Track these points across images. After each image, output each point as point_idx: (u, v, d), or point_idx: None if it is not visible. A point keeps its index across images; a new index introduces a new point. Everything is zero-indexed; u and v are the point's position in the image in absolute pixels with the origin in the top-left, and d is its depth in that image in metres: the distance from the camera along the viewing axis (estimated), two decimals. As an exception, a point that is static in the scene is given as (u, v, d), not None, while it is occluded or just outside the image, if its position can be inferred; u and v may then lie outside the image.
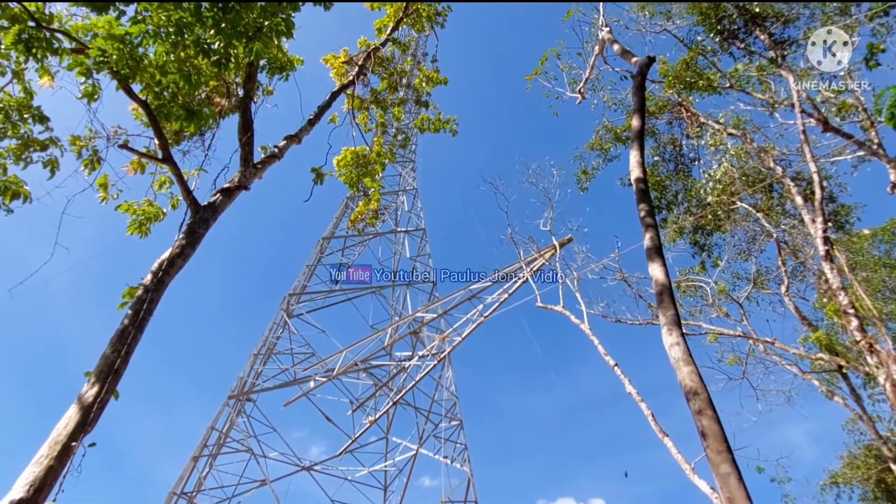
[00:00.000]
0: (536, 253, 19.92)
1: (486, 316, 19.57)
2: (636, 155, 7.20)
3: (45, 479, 4.61)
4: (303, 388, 20.39)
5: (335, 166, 11.29)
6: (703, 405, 4.93)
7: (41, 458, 4.72)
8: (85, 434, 4.93)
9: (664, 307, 5.67)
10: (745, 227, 19.28)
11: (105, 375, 5.19)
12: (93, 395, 5.07)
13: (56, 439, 4.84)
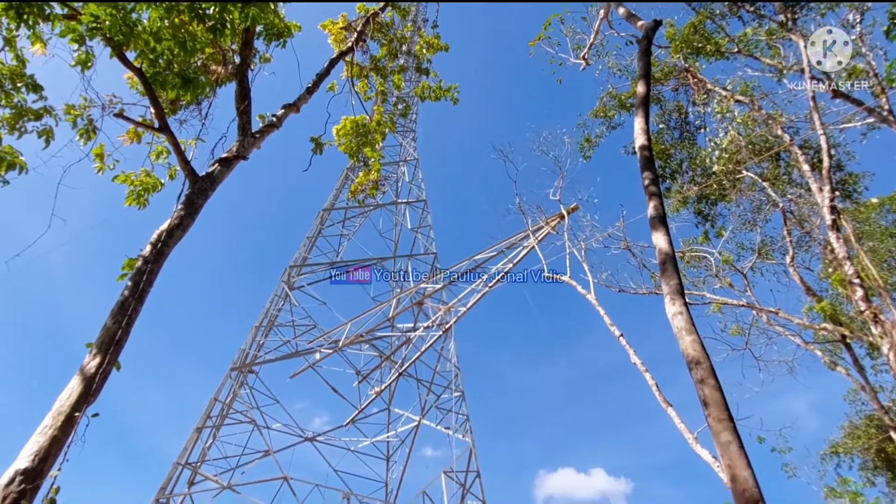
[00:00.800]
0: (543, 221, 19.87)
1: (490, 286, 19.65)
2: (641, 122, 7.13)
3: (50, 449, 4.70)
4: (308, 360, 20.61)
5: (334, 136, 11.21)
6: (705, 374, 4.98)
7: (45, 428, 4.80)
8: (88, 405, 5.00)
9: (667, 276, 5.68)
10: (750, 196, 19.18)
11: (106, 347, 5.24)
12: (95, 366, 5.13)
13: (59, 410, 4.91)
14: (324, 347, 20.68)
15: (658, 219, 6.24)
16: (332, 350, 20.52)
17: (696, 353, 5.15)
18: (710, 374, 4.97)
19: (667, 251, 5.83)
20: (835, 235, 11.16)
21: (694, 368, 5.05)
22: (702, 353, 5.14)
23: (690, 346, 5.17)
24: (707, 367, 5.01)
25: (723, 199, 18.96)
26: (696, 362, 5.08)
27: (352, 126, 11.26)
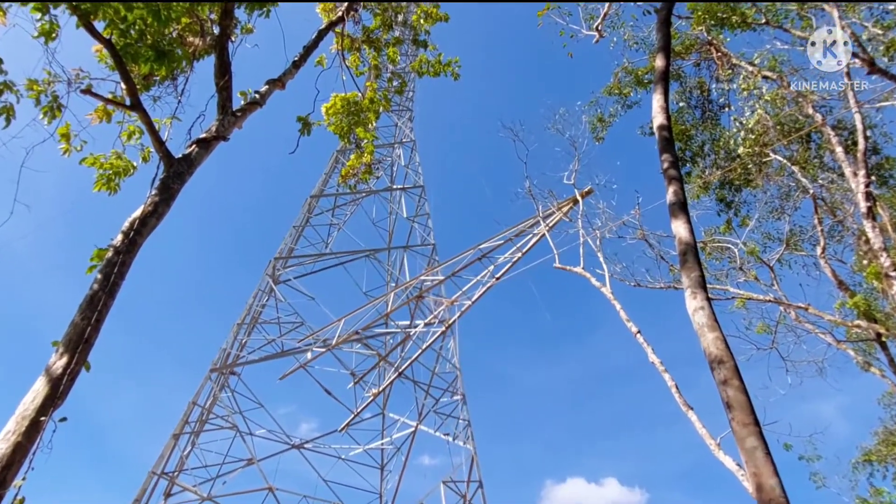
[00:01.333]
0: (554, 207, 19.82)
1: (497, 277, 19.65)
2: (659, 99, 7.10)
3: (14, 457, 4.70)
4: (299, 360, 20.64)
5: (323, 114, 11.16)
6: (728, 374, 4.98)
7: (7, 434, 4.79)
8: (55, 408, 5.00)
9: (688, 268, 5.67)
10: (778, 181, 19.17)
11: (74, 345, 5.24)
12: (62, 367, 5.12)
13: (23, 414, 4.91)
14: (315, 346, 20.73)
15: (678, 205, 6.22)
16: (325, 349, 20.56)
17: (720, 351, 5.15)
18: (735, 375, 4.97)
19: (687, 240, 5.82)
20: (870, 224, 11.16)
21: (717, 368, 5.05)
22: (725, 352, 5.14)
23: (713, 344, 5.17)
24: (731, 367, 5.02)
25: (748, 184, 18.95)
26: (719, 361, 5.08)
27: (342, 104, 11.22)
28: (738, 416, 4.70)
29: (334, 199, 27.39)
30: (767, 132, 17.24)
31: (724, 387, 4.95)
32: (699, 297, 5.46)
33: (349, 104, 11.28)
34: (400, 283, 24.51)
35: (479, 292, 20.04)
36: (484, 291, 19.92)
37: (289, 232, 25.38)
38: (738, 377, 4.98)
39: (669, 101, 7.94)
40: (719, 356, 5.12)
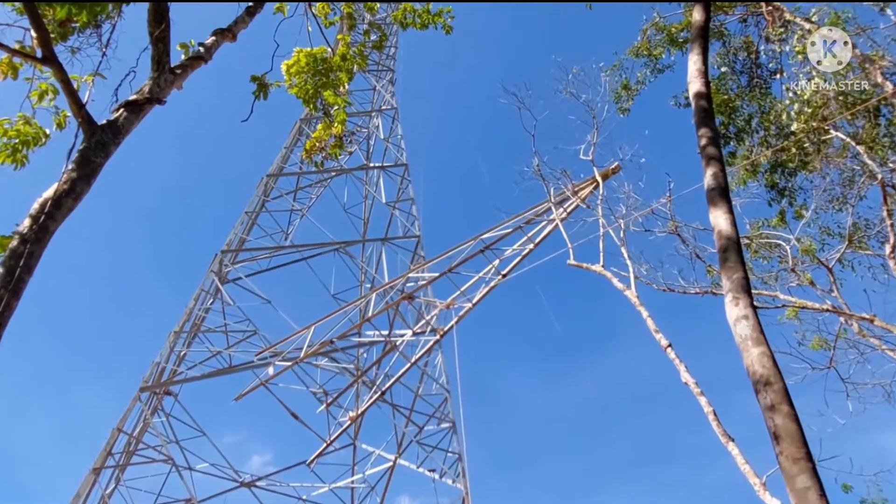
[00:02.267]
0: (569, 190, 19.79)
1: (504, 274, 19.70)
2: (697, 61, 7.12)
3: None
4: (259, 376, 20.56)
5: (284, 74, 11.10)
6: (776, 398, 5.02)
7: None
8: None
9: (729, 268, 5.70)
10: (840, 164, 19.29)
11: (-29, 355, 5.18)
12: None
13: None
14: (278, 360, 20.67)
15: (718, 191, 6.25)
16: (291, 363, 20.52)
17: (766, 370, 5.18)
18: (784, 399, 5.01)
19: (729, 234, 5.85)
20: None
21: (762, 391, 5.08)
22: (773, 371, 5.18)
23: (758, 362, 5.20)
24: (780, 390, 5.05)
25: (804, 167, 19.08)
26: (766, 383, 5.12)
27: (308, 61, 11.17)
28: (788, 449, 4.73)
29: (297, 178, 27.32)
30: (827, 104, 17.36)
31: (770, 413, 4.99)
32: (742, 303, 5.49)
33: (316, 61, 11.23)
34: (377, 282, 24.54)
35: (482, 292, 20.06)
36: (487, 291, 19.96)
37: (240, 219, 25.31)
38: (789, 402, 5.01)
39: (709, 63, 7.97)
40: (766, 376, 5.15)
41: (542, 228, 19.99)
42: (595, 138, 19.75)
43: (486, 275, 20.18)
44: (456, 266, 20.74)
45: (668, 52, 19.81)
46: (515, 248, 20.12)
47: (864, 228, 19.88)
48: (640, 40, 20.13)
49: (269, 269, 24.91)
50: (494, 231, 20.44)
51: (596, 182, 19.46)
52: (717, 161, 6.55)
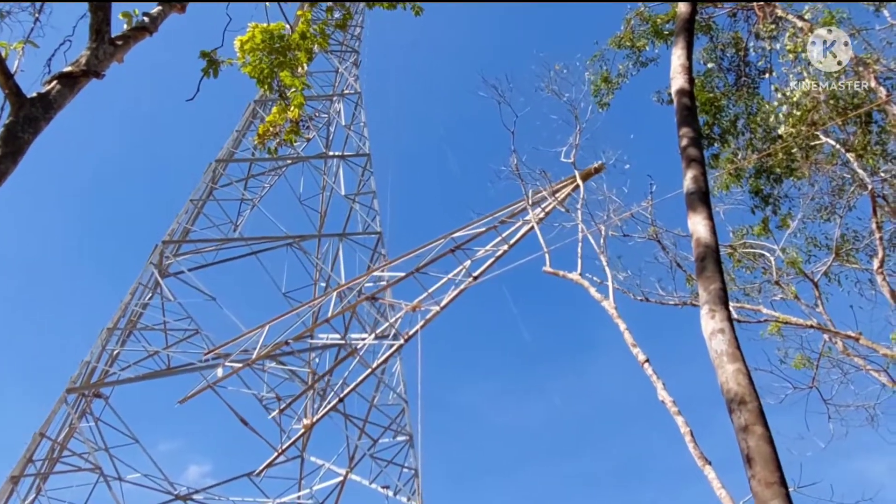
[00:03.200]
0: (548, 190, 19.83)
1: (475, 276, 19.72)
2: (680, 56, 7.21)
3: None
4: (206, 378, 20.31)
5: (237, 51, 11.01)
6: (750, 418, 5.11)
7: None
8: None
9: (706, 278, 5.78)
10: (829, 172, 19.57)
11: None
12: None
13: None
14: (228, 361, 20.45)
15: (698, 196, 6.33)
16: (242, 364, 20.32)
17: (741, 388, 5.27)
18: (758, 420, 5.10)
19: (707, 242, 5.94)
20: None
21: (736, 410, 5.17)
22: (748, 390, 5.27)
23: (733, 379, 5.29)
24: (754, 410, 5.14)
25: (791, 173, 19.32)
26: (740, 402, 5.20)
27: (264, 38, 11.08)
28: (761, 472, 4.82)
29: (248, 165, 27.11)
30: (818, 108, 17.61)
31: (744, 434, 5.07)
32: (718, 316, 5.57)
33: (273, 39, 11.15)
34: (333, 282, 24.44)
35: (451, 295, 20.08)
36: (457, 294, 19.99)
37: (184, 207, 25.06)
38: (763, 423, 5.10)
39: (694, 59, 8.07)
40: (740, 395, 5.24)
41: (517, 229, 20.05)
42: (577, 140, 19.83)
43: (455, 276, 20.21)
44: (424, 266, 20.70)
45: (652, 44, 19.98)
46: (488, 249, 20.17)
47: (853, 241, 20.16)
48: (623, 30, 20.25)
49: (214, 263, 24.71)
50: (466, 230, 20.43)
51: (576, 183, 19.54)
52: (699, 163, 6.63)
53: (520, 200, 20.19)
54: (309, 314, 22.08)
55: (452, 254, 20.36)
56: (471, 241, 20.39)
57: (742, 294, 21.07)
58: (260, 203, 26.98)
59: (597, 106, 20.32)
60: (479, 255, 20.30)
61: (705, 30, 19.71)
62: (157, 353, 21.45)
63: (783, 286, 20.24)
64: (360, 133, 28.27)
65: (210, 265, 24.54)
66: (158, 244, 23.47)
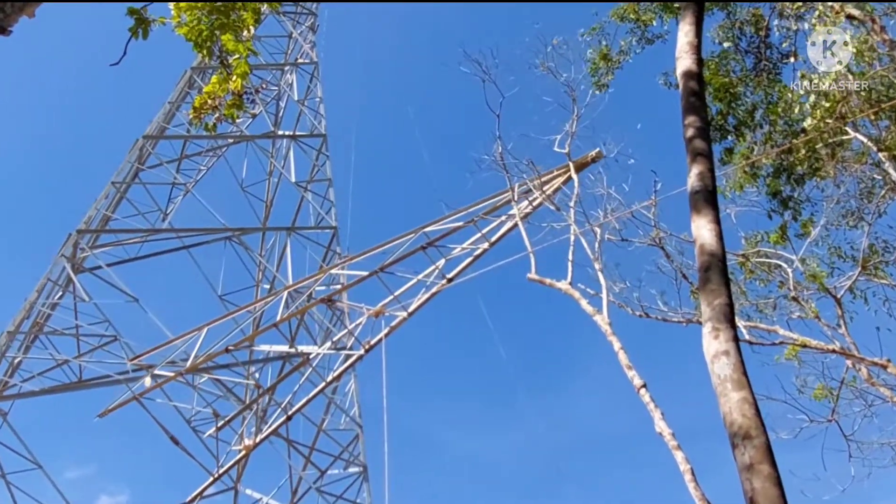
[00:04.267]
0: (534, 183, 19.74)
1: (450, 278, 19.67)
2: (689, 33, 7.26)
3: None
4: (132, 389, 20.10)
5: (171, 8, 10.92)
6: (756, 456, 5.13)
7: None
8: None
9: (711, 291, 5.82)
10: (857, 172, 19.68)
11: None
12: None
13: None
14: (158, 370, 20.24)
15: (703, 195, 6.37)
16: (174, 374, 20.14)
17: (747, 420, 5.30)
18: (766, 458, 5.13)
19: (712, 250, 5.97)
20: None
21: (740, 445, 5.19)
22: (755, 423, 5.29)
23: (737, 409, 5.31)
24: (761, 446, 5.17)
25: (815, 173, 19.39)
26: (745, 436, 5.23)
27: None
28: (766, 519, 4.85)
29: (182, 144, 26.90)
30: (848, 98, 17.74)
31: (748, 474, 5.09)
32: (723, 336, 5.60)
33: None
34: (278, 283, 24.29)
35: (421, 299, 19.99)
36: (428, 298, 19.92)
37: (104, 190, 24.80)
38: (771, 461, 5.12)
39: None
40: (745, 428, 5.26)
41: (500, 224, 20.01)
42: (573, 127, 19.79)
43: (426, 278, 20.15)
44: (390, 264, 20.61)
45: (660, 18, 19.99)
46: (466, 247, 20.12)
47: (882, 252, 20.23)
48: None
49: (138, 258, 24.46)
50: (441, 224, 20.34)
51: (569, 174, 19.50)
52: (706, 157, 6.67)
53: (503, 192, 20.15)
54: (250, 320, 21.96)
55: (424, 251, 20.31)
56: (445, 236, 20.34)
57: (755, 311, 21.17)
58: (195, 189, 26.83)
59: (593, 87, 20.31)
60: (454, 253, 20.25)
61: (722, 4, 19.77)
62: (66, 362, 21.22)
63: (802, 303, 20.30)
64: (316, 110, 28.19)
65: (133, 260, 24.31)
66: (72, 233, 23.20)
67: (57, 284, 22.67)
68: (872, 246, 20.07)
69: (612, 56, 20.28)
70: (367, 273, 20.68)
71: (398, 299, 20.21)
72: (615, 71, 20.36)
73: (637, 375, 14.73)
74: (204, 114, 12.85)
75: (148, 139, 26.18)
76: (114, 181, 24.95)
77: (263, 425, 21.80)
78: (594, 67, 20.38)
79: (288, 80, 29.62)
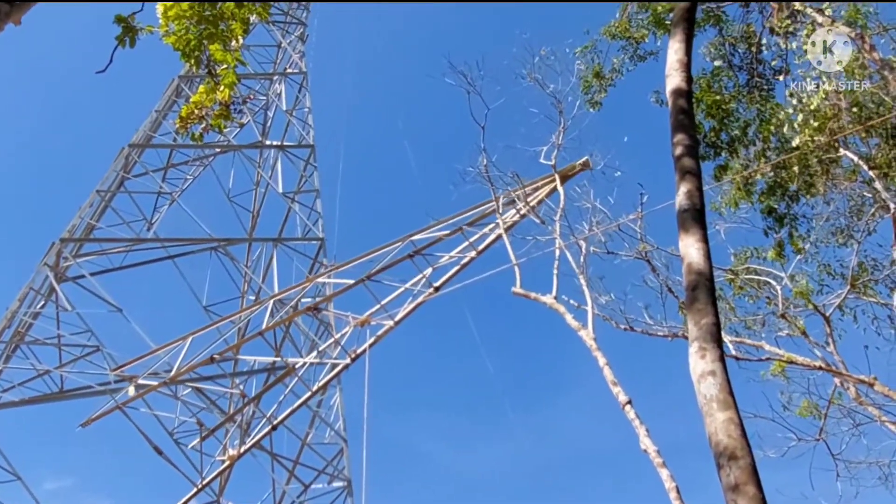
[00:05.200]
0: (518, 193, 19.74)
1: (437, 287, 19.66)
2: (679, 51, 7.29)
3: None
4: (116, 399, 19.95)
5: (159, 17, 10.93)
6: (742, 477, 5.13)
7: None
8: None
9: (698, 311, 5.83)
10: (847, 189, 19.77)
11: None
12: None
13: None
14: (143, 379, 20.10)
15: (691, 214, 6.39)
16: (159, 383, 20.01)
17: (732, 441, 5.30)
18: (751, 478, 5.12)
19: (700, 269, 5.99)
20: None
21: (725, 466, 5.19)
22: (740, 443, 5.29)
23: (723, 430, 5.32)
24: (746, 467, 5.16)
25: (809, 190, 19.43)
26: (731, 457, 5.23)
27: (192, 4, 11.03)
28: (750, 541, 4.85)
29: (168, 153, 26.87)
30: (838, 115, 17.82)
31: (733, 495, 5.09)
32: (709, 356, 5.60)
33: (203, 5, 11.10)
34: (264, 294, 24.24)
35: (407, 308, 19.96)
36: (415, 307, 19.89)
37: (89, 199, 24.71)
38: (756, 483, 5.12)
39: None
40: (731, 449, 5.26)
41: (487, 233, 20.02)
42: (560, 139, 19.86)
43: (413, 286, 20.12)
44: (376, 272, 20.55)
45: (653, 35, 20.06)
46: (453, 256, 20.11)
47: (871, 270, 20.31)
48: (619, 17, 20.28)
49: (122, 268, 24.39)
50: (427, 232, 20.33)
51: (554, 184, 19.53)
52: (694, 176, 6.70)
53: (489, 201, 20.18)
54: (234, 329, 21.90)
55: (411, 259, 20.28)
56: (432, 244, 20.30)
57: (742, 327, 21.24)
58: (180, 198, 26.77)
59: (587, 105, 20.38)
60: (442, 261, 20.24)
61: (714, 21, 19.85)
62: (48, 372, 21.12)
63: (790, 319, 20.37)
64: (304, 120, 28.20)
65: (117, 269, 24.24)
66: (55, 242, 23.11)
67: (39, 293, 22.58)
68: (862, 264, 20.19)
69: (605, 74, 20.35)
70: (354, 281, 20.65)
71: (385, 308, 20.18)
72: (608, 88, 20.45)
73: (622, 392, 14.76)
74: (191, 123, 12.83)
75: (133, 148, 26.14)
76: (98, 189, 24.89)
77: (247, 437, 21.70)
78: (587, 85, 20.46)
79: (276, 90, 29.66)
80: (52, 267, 22.60)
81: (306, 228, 25.12)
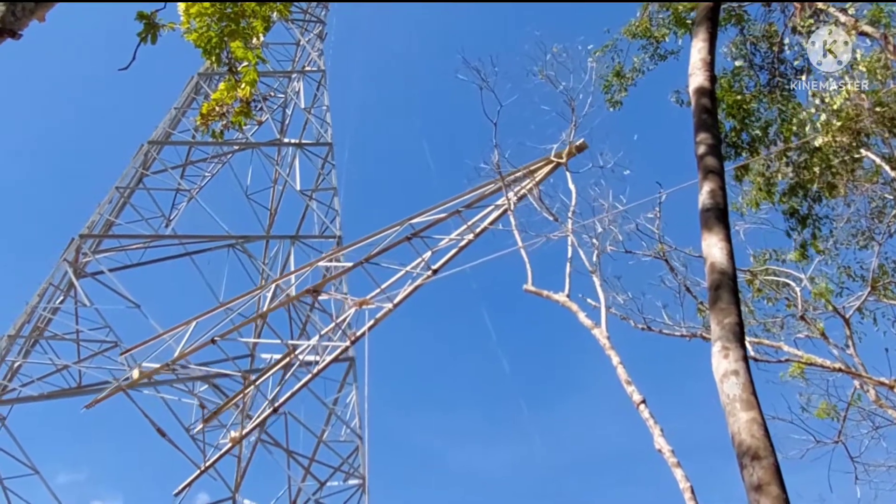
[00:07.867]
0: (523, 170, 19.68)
1: (435, 269, 19.66)
2: (702, 50, 7.28)
3: None
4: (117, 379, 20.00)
5: (181, 14, 10.98)
6: (765, 476, 5.13)
7: None
8: None
9: (721, 310, 5.82)
10: (868, 191, 19.67)
11: None
12: None
13: None
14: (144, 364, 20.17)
15: (715, 213, 6.38)
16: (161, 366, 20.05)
17: (756, 441, 5.29)
18: (774, 478, 5.12)
19: (723, 268, 5.98)
20: None
21: (748, 466, 5.19)
22: (764, 443, 5.29)
23: (746, 430, 5.31)
24: (770, 467, 5.16)
25: (831, 192, 19.32)
26: (754, 456, 5.22)
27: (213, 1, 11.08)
28: (773, 540, 4.85)
29: (187, 150, 26.97)
30: (861, 116, 17.71)
31: (756, 495, 5.09)
32: (733, 355, 5.60)
33: (224, 2, 11.14)
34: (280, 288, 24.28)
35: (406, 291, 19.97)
36: (413, 290, 19.90)
37: (108, 195, 24.85)
38: (779, 483, 5.12)
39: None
40: (754, 449, 5.26)
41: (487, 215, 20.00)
42: (572, 136, 19.84)
43: (413, 269, 20.12)
44: (375, 255, 20.55)
45: (674, 34, 19.98)
46: (452, 238, 20.09)
47: (892, 273, 20.25)
48: (640, 16, 20.20)
49: (141, 264, 24.49)
50: (427, 215, 20.30)
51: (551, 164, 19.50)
52: (717, 175, 6.69)
53: (488, 183, 20.15)
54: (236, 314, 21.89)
55: (409, 242, 20.24)
56: (430, 227, 20.24)
57: (761, 329, 21.14)
58: (199, 195, 26.88)
59: (607, 105, 20.33)
60: (441, 244, 20.22)
61: (736, 20, 19.77)
62: (66, 367, 21.23)
63: (809, 322, 20.27)
64: (322, 118, 28.22)
65: (135, 266, 24.34)
66: (75, 238, 23.22)
67: (59, 289, 22.71)
68: (882, 266, 20.08)
69: (625, 73, 20.30)
70: (352, 264, 20.65)
71: (384, 291, 20.20)
72: (628, 87, 20.40)
73: (636, 391, 14.75)
74: (211, 120, 12.89)
75: (153, 145, 26.25)
76: (118, 186, 25.02)
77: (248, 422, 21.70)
78: (607, 84, 20.42)
79: (295, 88, 29.71)
80: (72, 263, 22.72)
81: (324, 226, 25.17)
